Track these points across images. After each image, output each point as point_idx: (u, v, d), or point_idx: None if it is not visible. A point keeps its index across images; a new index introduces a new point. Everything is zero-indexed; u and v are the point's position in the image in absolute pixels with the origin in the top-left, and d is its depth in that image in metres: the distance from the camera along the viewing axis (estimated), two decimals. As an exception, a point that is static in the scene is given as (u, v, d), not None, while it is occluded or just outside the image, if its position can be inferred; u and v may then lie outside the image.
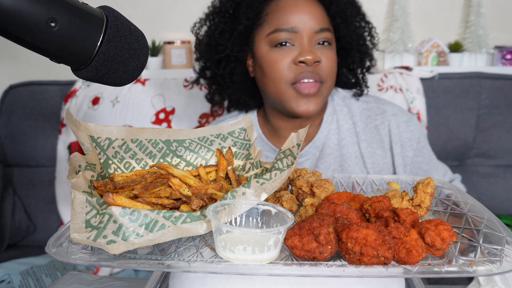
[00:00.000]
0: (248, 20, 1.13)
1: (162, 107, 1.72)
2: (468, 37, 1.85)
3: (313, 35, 1.08)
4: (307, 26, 1.08)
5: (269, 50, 1.10)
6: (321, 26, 1.09)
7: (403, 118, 1.19)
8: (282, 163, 0.67)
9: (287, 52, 1.08)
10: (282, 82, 1.08)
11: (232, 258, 0.52)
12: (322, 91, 1.10)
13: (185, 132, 0.75)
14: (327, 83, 1.10)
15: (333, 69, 1.11)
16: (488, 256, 0.54)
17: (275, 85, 1.10)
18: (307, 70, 1.06)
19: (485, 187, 1.67)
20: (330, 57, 1.10)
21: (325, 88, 1.10)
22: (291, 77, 1.07)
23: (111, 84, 0.58)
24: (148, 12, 1.97)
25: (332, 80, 1.12)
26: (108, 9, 0.55)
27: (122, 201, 0.57)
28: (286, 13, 1.09)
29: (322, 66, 1.08)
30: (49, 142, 1.78)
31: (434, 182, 0.67)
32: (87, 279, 0.99)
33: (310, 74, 1.06)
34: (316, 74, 1.07)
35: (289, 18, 1.08)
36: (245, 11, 1.13)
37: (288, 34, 1.08)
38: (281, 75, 1.08)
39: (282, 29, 1.08)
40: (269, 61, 1.10)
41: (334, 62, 1.11)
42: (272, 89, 1.11)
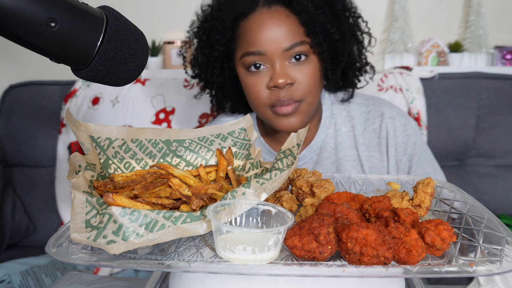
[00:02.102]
0: (222, 46, 1.11)
1: (162, 107, 1.72)
2: (468, 37, 1.85)
3: (283, 54, 1.03)
4: (274, 46, 1.02)
5: (245, 73, 1.08)
6: (291, 42, 1.03)
7: (401, 121, 1.17)
8: (282, 163, 0.67)
9: (260, 76, 1.05)
10: (260, 106, 1.08)
11: (232, 258, 0.52)
12: (302, 109, 1.07)
13: (185, 132, 0.75)
14: (306, 100, 1.06)
15: (311, 85, 1.06)
16: (488, 256, 0.54)
17: (254, 107, 1.11)
18: (281, 96, 1.03)
19: (485, 187, 1.67)
20: (306, 73, 1.05)
21: (305, 105, 1.07)
22: (267, 102, 1.06)
23: (111, 84, 0.58)
24: (148, 12, 1.97)
25: (313, 95, 1.07)
26: (108, 9, 0.55)
27: (122, 201, 0.57)
28: (252, 35, 1.05)
29: (298, 85, 1.04)
30: (49, 142, 1.79)
31: (434, 182, 0.67)
32: (87, 279, 0.99)
33: (285, 99, 1.04)
34: (290, 98, 1.04)
35: (255, 41, 1.04)
36: (217, 38, 1.11)
37: (256, 57, 1.04)
38: (258, 100, 1.07)
39: (250, 53, 1.05)
40: (246, 86, 1.09)
41: (312, 77, 1.06)
42: (254, 109, 1.12)
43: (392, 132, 1.16)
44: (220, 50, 1.11)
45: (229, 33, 1.09)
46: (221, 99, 1.23)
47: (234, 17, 1.08)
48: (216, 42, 1.11)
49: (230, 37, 1.10)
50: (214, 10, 1.12)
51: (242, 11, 1.07)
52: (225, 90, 1.20)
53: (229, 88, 1.19)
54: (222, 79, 1.17)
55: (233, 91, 1.20)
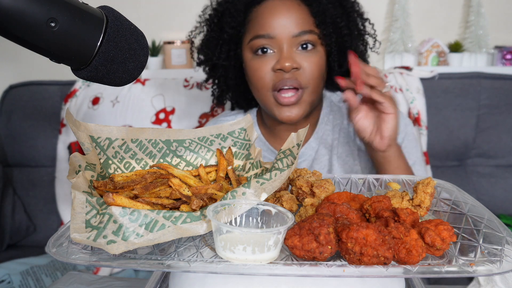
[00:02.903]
0: (232, 29, 1.13)
1: (162, 107, 1.73)
2: (468, 37, 1.85)
3: (292, 40, 1.06)
4: (284, 31, 1.05)
5: (251, 57, 1.10)
6: (300, 29, 1.06)
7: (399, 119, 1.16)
8: (282, 163, 0.67)
9: (267, 59, 1.07)
10: (264, 89, 1.09)
11: (232, 258, 0.52)
12: (304, 98, 1.08)
13: (185, 132, 0.75)
14: (309, 89, 1.08)
15: (316, 74, 1.08)
16: (488, 256, 0.54)
17: (258, 92, 1.11)
18: (286, 77, 1.05)
19: (485, 187, 1.67)
20: (312, 61, 1.07)
21: (308, 94, 1.08)
22: (271, 85, 1.07)
23: (111, 84, 0.58)
24: (148, 12, 1.97)
25: (316, 85, 1.09)
26: (108, 9, 0.55)
27: (122, 201, 0.57)
28: (264, 18, 1.08)
29: (303, 72, 1.06)
30: (49, 142, 1.79)
31: (434, 182, 0.67)
32: (87, 279, 0.99)
33: (289, 81, 1.05)
34: (295, 80, 1.05)
35: (266, 24, 1.07)
36: (228, 20, 1.13)
37: (266, 40, 1.07)
38: (262, 83, 1.08)
39: (260, 36, 1.07)
40: (251, 69, 1.10)
41: (317, 66, 1.08)
42: (257, 95, 1.12)
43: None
44: (230, 33, 1.14)
45: (241, 17, 1.12)
46: (223, 88, 1.24)
47: (247, 2, 1.12)
48: (227, 24, 1.13)
49: (241, 21, 1.12)
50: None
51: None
52: (228, 79, 1.21)
53: (232, 76, 1.20)
54: (227, 63, 1.18)
55: (236, 81, 1.21)
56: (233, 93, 1.25)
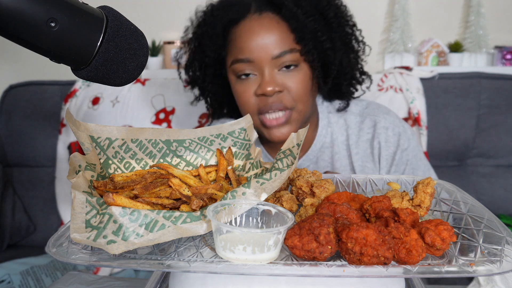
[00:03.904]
0: (213, 52, 1.10)
1: (162, 107, 1.73)
2: (468, 37, 1.85)
3: (272, 62, 1.02)
4: (264, 54, 1.01)
5: (235, 81, 1.08)
6: (280, 50, 1.02)
7: (394, 131, 1.14)
8: (282, 163, 0.67)
9: (249, 83, 1.05)
10: (250, 113, 1.06)
11: (232, 258, 0.52)
12: (293, 117, 1.06)
13: (185, 132, 0.75)
14: (298, 108, 1.05)
15: (302, 92, 1.04)
16: (488, 256, 0.54)
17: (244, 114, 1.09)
18: (270, 102, 1.03)
19: (485, 187, 1.67)
20: (296, 80, 1.03)
21: (296, 113, 1.06)
22: (256, 108, 1.06)
23: (111, 84, 0.58)
24: (148, 12, 1.97)
25: (303, 102, 1.06)
26: (108, 9, 0.55)
27: (122, 201, 0.57)
28: (242, 41, 1.04)
29: (287, 93, 1.03)
30: (49, 142, 1.79)
31: (434, 182, 0.67)
32: (87, 279, 0.99)
33: (274, 105, 1.03)
34: (280, 104, 1.03)
35: (244, 47, 1.03)
36: (208, 44, 1.10)
37: (245, 64, 1.03)
38: (247, 107, 1.07)
39: (239, 60, 1.04)
40: (236, 93, 1.08)
41: (303, 84, 1.04)
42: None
43: (384, 143, 1.14)
44: (211, 57, 1.11)
45: (220, 40, 1.09)
46: (216, 106, 1.23)
47: (225, 23, 1.08)
48: (208, 48, 1.11)
49: (221, 43, 1.09)
50: (207, 16, 1.12)
51: (234, 17, 1.06)
52: (218, 98, 1.20)
53: (222, 95, 1.18)
54: (215, 86, 1.16)
55: (227, 98, 1.19)
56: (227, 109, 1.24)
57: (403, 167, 1.14)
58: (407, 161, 1.14)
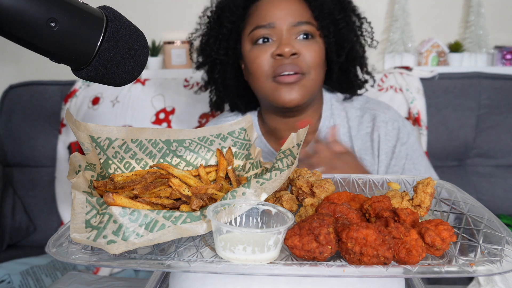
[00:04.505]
0: (231, 23, 1.17)
1: (162, 107, 1.73)
2: (468, 37, 1.85)
3: (291, 29, 1.10)
4: (284, 20, 1.10)
5: (251, 48, 1.13)
6: (299, 19, 1.10)
7: (393, 125, 1.17)
8: (282, 163, 0.67)
9: (266, 47, 1.11)
10: (264, 77, 1.11)
11: (232, 258, 0.52)
12: (304, 83, 1.10)
13: (185, 132, 0.75)
14: (310, 75, 1.10)
15: (316, 62, 1.11)
16: (488, 256, 0.54)
17: (258, 80, 1.13)
18: (285, 63, 1.07)
19: (485, 187, 1.67)
20: (312, 49, 1.10)
21: (308, 80, 1.10)
22: (270, 71, 1.10)
23: (111, 84, 0.58)
24: (148, 12, 1.97)
25: (317, 73, 1.11)
26: (108, 9, 0.55)
27: (122, 201, 0.57)
28: (264, 10, 1.12)
29: (302, 58, 1.09)
30: (49, 142, 1.79)
31: (434, 182, 0.67)
32: (87, 279, 0.99)
33: (288, 66, 1.07)
34: (295, 66, 1.07)
35: (266, 15, 1.11)
36: (228, 15, 1.17)
37: (266, 30, 1.11)
38: (262, 70, 1.11)
39: (261, 26, 1.11)
40: (251, 58, 1.13)
41: (317, 55, 1.11)
42: (257, 85, 1.14)
43: (384, 137, 1.16)
44: (229, 28, 1.17)
45: (240, 11, 1.16)
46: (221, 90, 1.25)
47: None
48: (226, 19, 1.17)
49: (241, 15, 1.16)
50: None
51: None
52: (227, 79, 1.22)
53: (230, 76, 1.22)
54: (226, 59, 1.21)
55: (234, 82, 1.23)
56: (231, 95, 1.26)
57: (403, 161, 1.16)
58: (406, 155, 1.16)
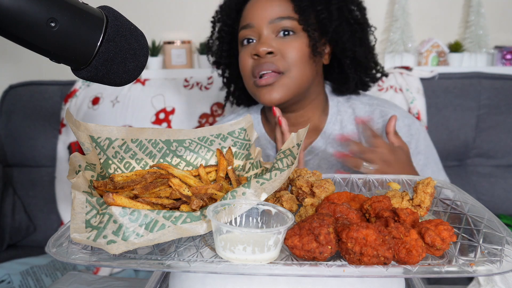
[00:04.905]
0: (228, 27, 1.19)
1: (162, 107, 1.72)
2: (468, 37, 1.85)
3: (270, 26, 1.10)
4: (262, 19, 1.10)
5: (240, 49, 1.16)
6: (278, 15, 1.09)
7: (404, 122, 1.18)
8: (282, 163, 0.67)
9: (249, 48, 1.12)
10: (247, 77, 1.13)
11: (232, 258, 0.52)
12: (283, 82, 1.09)
13: (185, 132, 0.75)
14: (291, 73, 1.09)
15: (296, 58, 1.09)
16: (488, 256, 0.54)
17: (245, 81, 1.16)
18: (262, 62, 1.08)
19: (485, 187, 1.67)
20: (291, 46, 1.09)
21: (288, 78, 1.09)
22: (251, 72, 1.12)
23: (111, 84, 0.58)
24: (148, 12, 1.97)
25: (299, 69, 1.09)
26: (108, 9, 0.55)
27: (122, 201, 0.57)
28: (246, 11, 1.14)
29: (280, 56, 1.08)
30: (49, 142, 1.79)
31: (434, 182, 0.67)
32: (87, 279, 0.99)
33: (265, 65, 1.08)
34: (272, 64, 1.08)
35: (247, 15, 1.13)
36: (225, 19, 1.20)
37: (248, 30, 1.12)
38: (246, 71, 1.13)
39: (243, 27, 1.13)
40: (240, 60, 1.16)
41: (298, 51, 1.09)
42: (245, 85, 1.17)
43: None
44: (226, 31, 1.20)
45: (233, 14, 1.18)
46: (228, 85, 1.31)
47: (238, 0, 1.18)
48: (224, 22, 1.20)
49: (234, 17, 1.18)
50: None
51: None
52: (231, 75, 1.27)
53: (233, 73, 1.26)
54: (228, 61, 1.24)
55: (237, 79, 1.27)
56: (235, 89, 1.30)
57: (419, 156, 1.17)
58: (420, 150, 1.18)
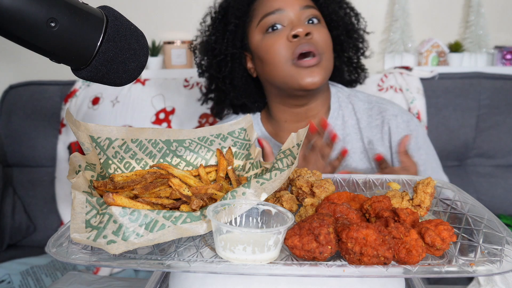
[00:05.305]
0: (237, 19, 1.18)
1: (162, 107, 1.72)
2: (468, 37, 1.85)
3: (299, 13, 1.12)
4: (291, 5, 1.12)
5: (262, 37, 1.14)
6: (306, 3, 1.13)
7: (403, 118, 1.20)
8: (282, 163, 0.67)
9: (279, 33, 1.11)
10: (282, 62, 1.10)
11: (232, 258, 0.52)
12: (323, 63, 1.11)
13: (185, 132, 0.75)
14: (325, 55, 1.12)
15: (328, 43, 1.13)
16: (488, 256, 0.54)
17: (276, 68, 1.12)
18: (302, 42, 1.08)
19: (485, 187, 1.67)
20: (322, 31, 1.12)
21: (325, 60, 1.12)
22: (289, 54, 1.10)
23: (111, 84, 0.58)
24: (148, 12, 1.97)
25: (330, 53, 1.14)
26: (108, 9, 0.55)
27: (122, 201, 0.57)
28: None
29: (316, 38, 1.10)
30: (49, 142, 1.78)
31: (434, 182, 0.67)
32: (87, 279, 0.99)
33: (306, 45, 1.08)
34: (312, 45, 1.09)
35: (273, 2, 1.13)
36: (233, 12, 1.18)
37: (275, 16, 1.11)
38: (280, 56, 1.10)
39: (269, 13, 1.12)
40: (265, 47, 1.13)
41: (327, 37, 1.13)
42: (275, 73, 1.13)
43: (395, 129, 1.19)
44: (235, 24, 1.18)
45: (245, 7, 1.17)
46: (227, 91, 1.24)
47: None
48: (232, 15, 1.18)
49: (245, 10, 1.17)
50: None
51: None
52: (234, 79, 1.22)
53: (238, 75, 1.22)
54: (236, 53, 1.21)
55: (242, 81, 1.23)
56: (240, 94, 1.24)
57: (419, 152, 1.18)
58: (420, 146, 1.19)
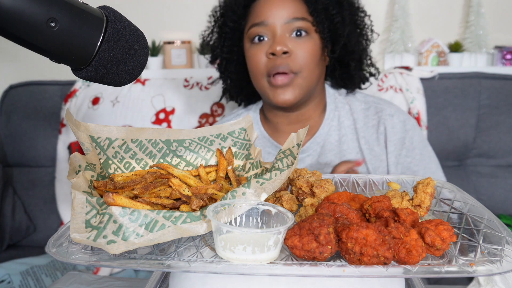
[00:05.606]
0: (233, 22, 1.19)
1: (162, 107, 1.72)
2: (468, 37, 1.85)
3: (284, 26, 1.11)
4: (277, 18, 1.11)
5: (249, 46, 1.16)
6: (293, 15, 1.11)
7: (399, 118, 1.20)
8: (282, 163, 0.67)
9: (262, 46, 1.12)
10: (259, 75, 1.13)
11: (232, 258, 0.52)
12: (297, 82, 1.11)
13: (185, 132, 0.75)
14: (303, 74, 1.11)
15: (308, 59, 1.11)
16: (488, 256, 0.54)
17: (255, 78, 1.16)
18: (277, 63, 1.09)
19: (485, 187, 1.67)
20: (304, 47, 1.11)
21: (301, 79, 1.11)
22: (265, 70, 1.12)
23: (111, 84, 0.58)
24: (148, 12, 1.97)
25: (310, 70, 1.12)
26: (108, 9, 0.55)
27: (122, 201, 0.57)
28: (259, 8, 1.14)
29: (294, 57, 1.10)
30: (49, 142, 1.79)
31: (434, 182, 0.67)
32: (87, 279, 0.99)
33: (280, 67, 1.09)
34: (286, 66, 1.09)
35: (261, 13, 1.13)
36: (230, 14, 1.20)
37: (261, 28, 1.12)
38: (258, 69, 1.13)
39: (255, 24, 1.13)
40: (249, 57, 1.16)
41: (310, 51, 1.11)
42: (255, 82, 1.17)
43: (391, 129, 1.19)
44: (231, 26, 1.20)
45: (241, 10, 1.18)
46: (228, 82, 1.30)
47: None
48: (229, 18, 1.20)
49: (241, 14, 1.18)
50: None
51: None
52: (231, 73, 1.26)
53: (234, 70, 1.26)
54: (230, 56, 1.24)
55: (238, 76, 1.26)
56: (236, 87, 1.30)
57: (415, 151, 1.19)
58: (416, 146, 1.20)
